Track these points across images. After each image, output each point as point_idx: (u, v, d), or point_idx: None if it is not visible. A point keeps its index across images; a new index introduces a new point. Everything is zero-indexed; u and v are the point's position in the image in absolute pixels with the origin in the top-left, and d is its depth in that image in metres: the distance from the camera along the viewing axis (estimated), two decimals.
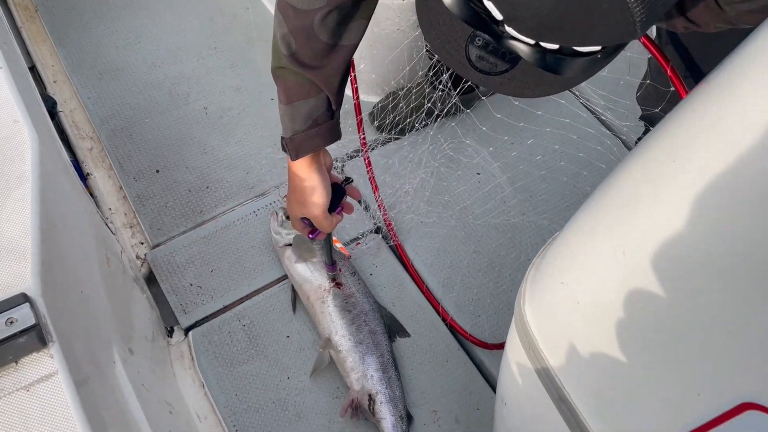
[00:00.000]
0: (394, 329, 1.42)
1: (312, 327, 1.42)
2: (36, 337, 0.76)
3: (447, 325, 1.45)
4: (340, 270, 1.41)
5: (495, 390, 1.32)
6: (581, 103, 1.76)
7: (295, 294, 1.45)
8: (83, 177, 1.59)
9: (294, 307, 1.44)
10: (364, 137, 1.53)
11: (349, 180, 1.15)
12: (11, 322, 0.76)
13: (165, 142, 1.68)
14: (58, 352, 0.78)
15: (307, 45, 0.88)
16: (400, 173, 1.63)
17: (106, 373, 0.96)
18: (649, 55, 1.20)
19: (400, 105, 1.66)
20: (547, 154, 1.69)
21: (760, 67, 0.51)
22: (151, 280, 1.48)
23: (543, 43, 0.53)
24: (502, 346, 0.94)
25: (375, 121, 1.73)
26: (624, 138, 1.76)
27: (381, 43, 1.59)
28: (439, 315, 1.46)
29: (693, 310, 0.55)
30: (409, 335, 1.43)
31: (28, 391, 0.75)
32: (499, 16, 0.52)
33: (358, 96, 1.37)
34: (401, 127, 1.70)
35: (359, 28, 0.90)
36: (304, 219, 1.10)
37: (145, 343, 1.24)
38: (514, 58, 0.57)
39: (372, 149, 1.70)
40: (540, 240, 1.54)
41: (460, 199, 1.63)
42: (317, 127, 0.97)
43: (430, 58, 1.62)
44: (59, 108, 1.69)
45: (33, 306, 0.78)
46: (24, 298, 0.79)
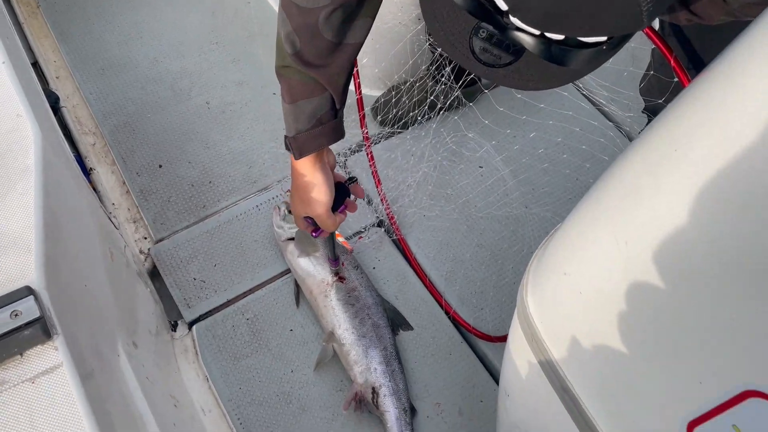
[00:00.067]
0: (397, 322, 1.42)
1: (315, 320, 1.42)
2: (40, 329, 0.77)
3: (450, 318, 1.45)
4: (343, 264, 1.41)
5: (498, 382, 1.33)
6: (584, 95, 1.76)
7: (298, 288, 1.45)
8: (86, 172, 1.59)
9: (297, 301, 1.45)
10: (366, 132, 1.53)
11: (353, 179, 1.14)
12: (16, 315, 0.76)
13: (167, 137, 1.68)
14: (63, 344, 0.78)
15: (311, 43, 0.88)
16: (403, 167, 1.63)
17: (110, 366, 0.97)
18: (653, 46, 1.19)
19: (403, 99, 1.66)
20: (550, 146, 1.69)
21: (761, 55, 0.51)
22: (154, 274, 1.48)
23: (548, 34, 0.53)
24: (505, 339, 0.95)
25: (378, 116, 1.73)
26: (627, 129, 1.75)
27: (383, 37, 1.59)
28: (442, 308, 1.46)
29: (695, 299, 0.55)
30: (412, 328, 1.43)
31: (33, 383, 0.75)
32: (504, 7, 0.52)
33: (360, 91, 1.36)
34: (404, 121, 1.69)
35: (364, 27, 0.89)
36: (307, 218, 1.10)
37: (149, 336, 1.24)
38: (518, 50, 0.57)
39: (375, 143, 1.70)
40: (543, 232, 1.54)
41: (462, 193, 1.63)
42: (321, 127, 0.97)
43: (432, 51, 1.62)
44: (62, 103, 1.69)
45: (37, 299, 0.79)
46: (28, 291, 0.79)
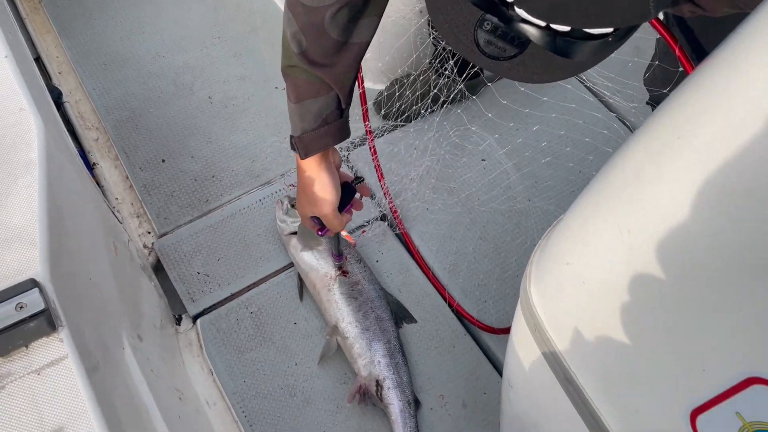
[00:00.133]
0: (400, 315, 1.42)
1: (319, 314, 1.42)
2: (45, 321, 0.77)
3: (453, 310, 1.46)
4: (346, 258, 1.41)
5: (501, 374, 1.33)
6: (587, 87, 1.75)
7: (301, 281, 1.45)
8: (90, 167, 1.59)
9: (301, 295, 1.45)
10: (368, 125, 1.53)
11: (360, 179, 1.14)
12: (21, 307, 0.77)
13: (170, 131, 1.68)
14: (68, 336, 0.79)
15: (317, 42, 0.87)
16: (406, 160, 1.63)
17: (115, 359, 0.97)
18: (657, 37, 1.19)
19: (406, 93, 1.66)
20: (553, 139, 1.68)
21: (762, 43, 0.50)
22: (158, 269, 1.49)
23: (554, 26, 0.52)
24: (509, 331, 0.95)
25: (381, 110, 1.73)
26: (633, 120, 1.74)
27: (387, 31, 1.58)
28: (445, 301, 1.46)
29: (697, 286, 0.55)
30: (415, 321, 1.43)
31: (39, 374, 0.76)
32: None
33: (363, 85, 1.36)
34: (407, 114, 1.69)
35: (370, 26, 0.89)
36: (314, 217, 1.10)
37: (153, 330, 1.25)
38: (523, 43, 0.56)
39: (378, 137, 1.70)
40: (546, 225, 1.53)
41: (465, 186, 1.63)
42: (327, 126, 0.97)
43: (435, 45, 1.62)
44: (65, 98, 1.70)
45: (42, 291, 0.79)
46: (33, 284, 0.80)
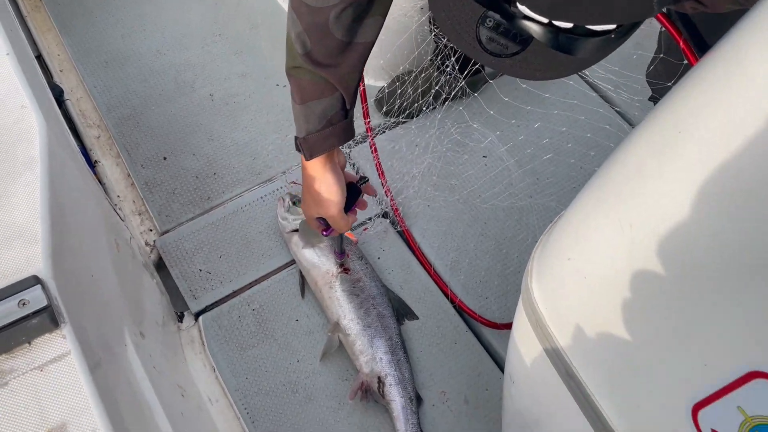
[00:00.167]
0: (402, 312, 1.42)
1: (320, 311, 1.42)
2: (48, 318, 0.77)
3: (455, 307, 1.46)
4: (348, 255, 1.41)
5: (503, 370, 1.33)
6: (589, 83, 1.75)
7: (303, 278, 1.45)
8: (91, 164, 1.60)
9: (302, 292, 1.45)
10: (369, 122, 1.53)
11: (364, 179, 1.14)
12: (23, 304, 0.77)
13: (171, 129, 1.68)
14: (71, 333, 0.79)
15: (321, 43, 0.87)
16: (407, 158, 1.63)
17: (118, 356, 0.97)
18: (660, 29, 1.18)
19: (408, 91, 1.66)
20: (554, 136, 1.68)
21: (763, 38, 0.50)
22: (160, 266, 1.49)
23: (556, 23, 0.52)
24: (510, 326, 0.95)
25: (383, 107, 1.73)
26: (636, 114, 1.73)
27: (388, 28, 1.56)
28: (447, 297, 1.46)
29: (699, 281, 0.55)
30: (417, 318, 1.43)
31: (42, 371, 0.76)
32: None
33: (363, 82, 1.36)
34: (408, 112, 1.69)
35: (374, 25, 0.89)
36: (319, 218, 1.10)
37: (156, 327, 1.25)
38: (525, 40, 0.56)
39: (381, 133, 1.69)
40: (547, 221, 1.53)
41: (467, 183, 1.63)
42: (331, 127, 0.97)
43: (437, 42, 1.61)
44: (66, 96, 1.70)
45: (44, 288, 0.79)
46: (35, 281, 0.80)
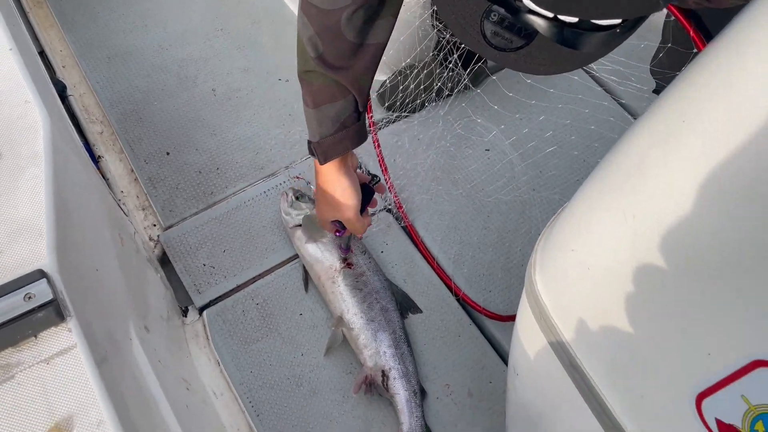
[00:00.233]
0: (405, 306, 1.43)
1: (324, 305, 1.43)
2: (54, 311, 0.78)
3: (459, 300, 1.46)
4: (351, 250, 1.41)
5: (507, 363, 1.33)
6: (592, 77, 1.74)
7: (306, 273, 1.46)
8: (95, 160, 1.60)
9: (306, 286, 1.45)
10: (371, 117, 1.53)
11: (376, 179, 1.14)
12: (29, 298, 0.78)
13: (174, 124, 1.68)
14: (76, 326, 0.79)
15: (333, 45, 0.87)
16: (410, 153, 1.63)
17: (123, 350, 0.98)
18: (665, 20, 1.18)
19: (411, 87, 1.65)
20: (558, 128, 1.68)
21: (764, 31, 0.50)
22: (164, 261, 1.49)
23: (561, 17, 0.52)
24: (514, 319, 0.95)
25: (385, 102, 1.73)
26: (642, 105, 1.72)
27: None
28: (450, 291, 1.46)
29: (703, 271, 0.55)
30: (421, 311, 1.43)
31: (48, 364, 0.77)
32: None
33: None
34: (412, 107, 1.69)
35: (386, 27, 0.88)
36: (334, 221, 1.09)
37: (160, 321, 1.25)
38: (529, 34, 0.56)
39: (384, 127, 1.69)
40: (550, 214, 1.53)
41: (470, 177, 1.63)
42: (345, 130, 0.97)
43: (439, 37, 1.61)
44: (69, 92, 1.70)
45: (50, 282, 0.80)
46: (41, 274, 0.80)
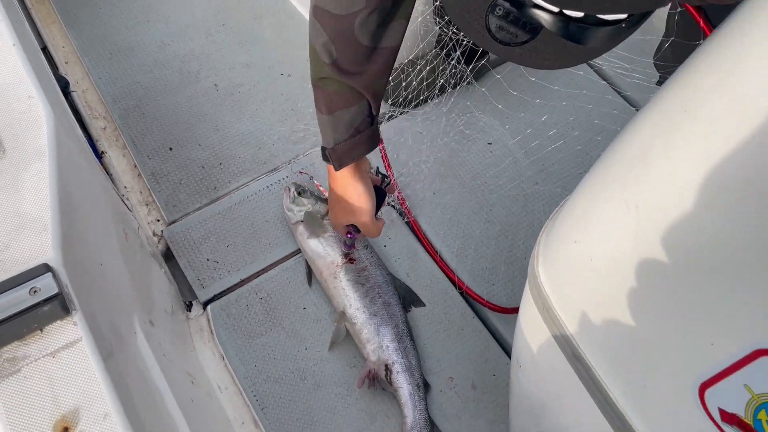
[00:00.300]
0: (409, 299, 1.43)
1: (328, 299, 1.43)
2: (59, 305, 0.78)
3: (462, 293, 1.46)
4: (355, 247, 1.41)
5: (510, 356, 1.33)
6: (596, 71, 1.74)
7: (310, 268, 1.46)
8: (98, 155, 1.60)
9: (309, 281, 1.45)
10: None
11: (387, 181, 1.14)
12: (35, 291, 0.78)
13: (177, 119, 1.69)
14: (82, 320, 0.80)
15: (346, 50, 0.87)
16: (413, 149, 1.63)
17: (128, 343, 0.98)
18: (670, 12, 1.17)
19: (413, 84, 1.65)
20: (560, 123, 1.68)
21: (765, 22, 0.50)
22: (168, 256, 1.50)
23: (567, 11, 0.52)
24: (518, 311, 0.95)
25: (388, 98, 1.73)
26: (646, 96, 1.72)
27: None
28: (453, 284, 1.47)
29: (705, 261, 0.55)
30: (424, 305, 1.44)
31: (54, 357, 0.77)
32: None
33: None
34: (415, 103, 1.69)
35: (399, 29, 0.88)
36: (348, 225, 1.09)
37: (165, 316, 1.26)
38: (534, 28, 0.56)
39: (386, 121, 1.69)
40: (553, 207, 1.53)
41: (472, 171, 1.63)
42: (359, 135, 0.97)
43: (441, 33, 1.61)
44: (72, 88, 1.70)
45: (55, 276, 0.80)
46: (46, 269, 0.81)
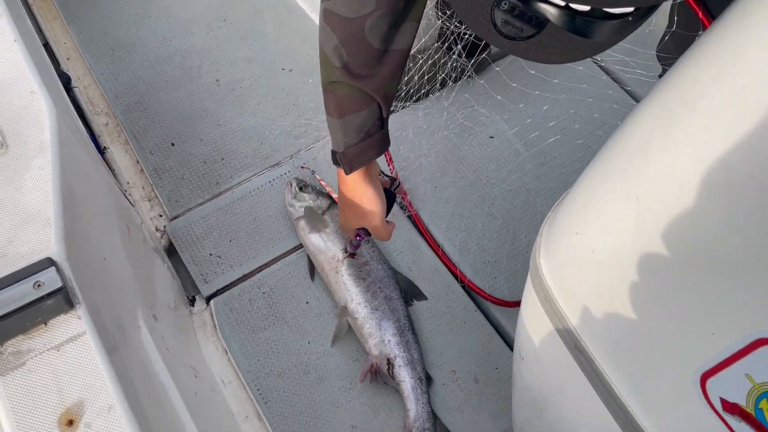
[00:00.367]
0: (411, 293, 1.43)
1: (330, 294, 1.43)
2: (63, 299, 0.79)
3: (464, 287, 1.46)
4: (360, 246, 1.41)
5: (512, 349, 1.34)
6: (598, 65, 1.74)
7: (312, 262, 1.46)
8: (101, 151, 1.61)
9: (312, 275, 1.46)
10: None
11: (396, 183, 1.14)
12: (39, 285, 0.78)
13: (179, 115, 1.69)
14: (85, 313, 0.80)
15: (358, 53, 0.86)
16: (414, 143, 1.63)
17: (131, 337, 0.99)
18: (673, 3, 1.17)
19: (414, 78, 1.65)
20: (561, 116, 1.67)
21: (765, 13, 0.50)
22: (171, 251, 1.50)
23: (573, 5, 0.52)
24: (520, 304, 0.95)
25: None
26: (647, 90, 1.72)
27: None
28: (456, 278, 1.47)
29: (707, 251, 0.55)
30: (426, 298, 1.44)
31: (59, 350, 0.78)
32: None
33: None
34: (417, 97, 1.69)
35: (410, 31, 0.87)
36: (359, 228, 1.09)
37: (168, 311, 1.26)
38: (540, 22, 0.56)
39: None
40: (554, 201, 1.52)
41: (473, 165, 1.63)
42: (369, 139, 0.96)
43: (443, 27, 1.60)
44: (74, 84, 1.71)
45: (59, 270, 0.81)
46: (50, 263, 0.81)
